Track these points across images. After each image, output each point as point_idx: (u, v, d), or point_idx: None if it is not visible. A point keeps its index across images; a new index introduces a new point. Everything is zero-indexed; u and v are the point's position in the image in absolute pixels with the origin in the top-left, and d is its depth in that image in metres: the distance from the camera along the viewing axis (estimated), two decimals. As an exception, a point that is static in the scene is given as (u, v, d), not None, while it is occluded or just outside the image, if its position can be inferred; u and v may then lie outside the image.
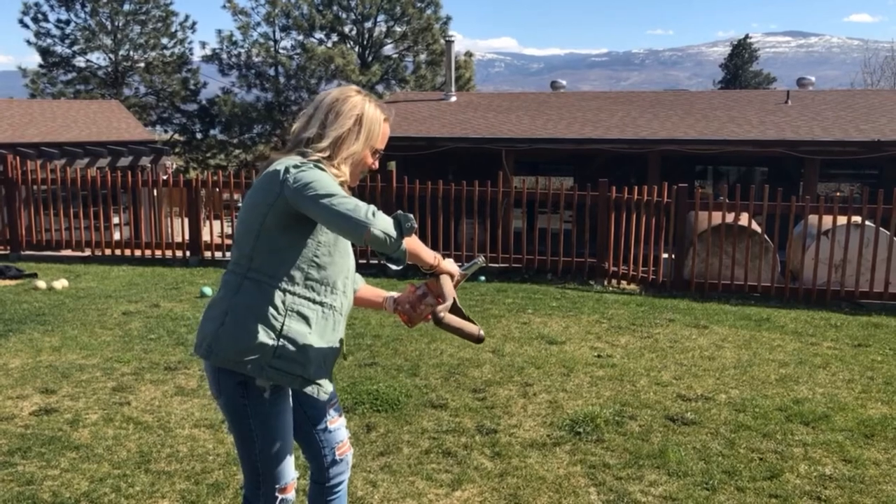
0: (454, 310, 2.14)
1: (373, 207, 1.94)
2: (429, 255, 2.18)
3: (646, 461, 3.72)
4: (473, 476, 3.54)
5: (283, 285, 2.07)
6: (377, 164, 2.26)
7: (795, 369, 5.41)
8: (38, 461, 3.61)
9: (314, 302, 2.11)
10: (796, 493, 3.41)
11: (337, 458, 2.35)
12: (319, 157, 2.09)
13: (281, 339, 2.06)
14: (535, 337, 6.20)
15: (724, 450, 3.88)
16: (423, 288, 2.30)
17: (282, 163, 2.05)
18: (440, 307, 2.10)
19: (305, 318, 2.10)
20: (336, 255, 2.14)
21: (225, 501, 3.24)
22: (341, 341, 2.24)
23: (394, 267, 2.05)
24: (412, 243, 2.07)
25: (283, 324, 2.06)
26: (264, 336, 2.05)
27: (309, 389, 2.17)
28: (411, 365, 5.25)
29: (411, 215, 1.99)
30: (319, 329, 2.13)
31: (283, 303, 2.07)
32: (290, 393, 2.20)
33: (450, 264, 2.24)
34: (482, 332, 2.14)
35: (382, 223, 1.92)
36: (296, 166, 2.01)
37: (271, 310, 2.06)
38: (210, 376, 2.15)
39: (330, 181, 2.00)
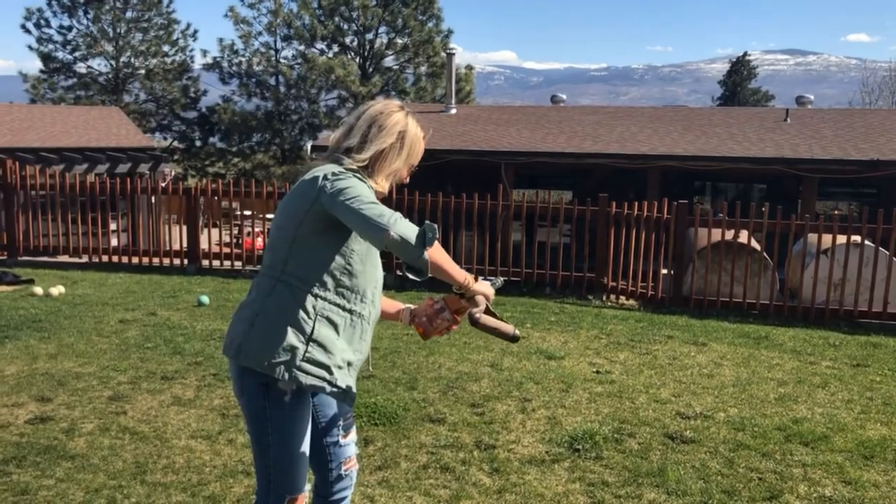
0: (488, 312, 2.21)
1: (398, 214, 1.97)
2: (459, 274, 2.12)
3: (645, 479, 3.70)
4: (472, 492, 3.51)
5: (315, 290, 2.09)
6: (408, 178, 2.30)
7: (794, 388, 5.40)
8: (33, 470, 3.57)
9: (343, 309, 2.14)
10: (796, 514, 3.39)
11: (343, 473, 2.36)
12: (357, 167, 2.12)
13: (310, 343, 2.08)
14: (534, 352, 6.18)
15: (724, 469, 3.86)
16: (441, 303, 2.30)
17: (321, 169, 2.09)
18: (475, 309, 2.17)
19: (334, 325, 2.12)
20: (367, 264, 2.17)
21: (221, 514, 3.21)
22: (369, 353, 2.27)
23: (413, 277, 2.04)
24: (440, 259, 2.03)
25: (312, 328, 2.09)
26: (294, 339, 2.07)
27: (334, 394, 2.17)
28: (409, 378, 5.23)
29: (436, 226, 1.99)
30: (347, 336, 2.16)
31: (314, 307, 2.09)
32: (310, 403, 2.21)
33: (482, 286, 2.21)
34: (517, 332, 2.22)
35: (403, 229, 1.95)
36: (334, 174, 2.06)
37: (302, 313, 2.08)
38: (234, 376, 2.17)
39: (365, 189, 2.04)
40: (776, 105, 41.31)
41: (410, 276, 2.04)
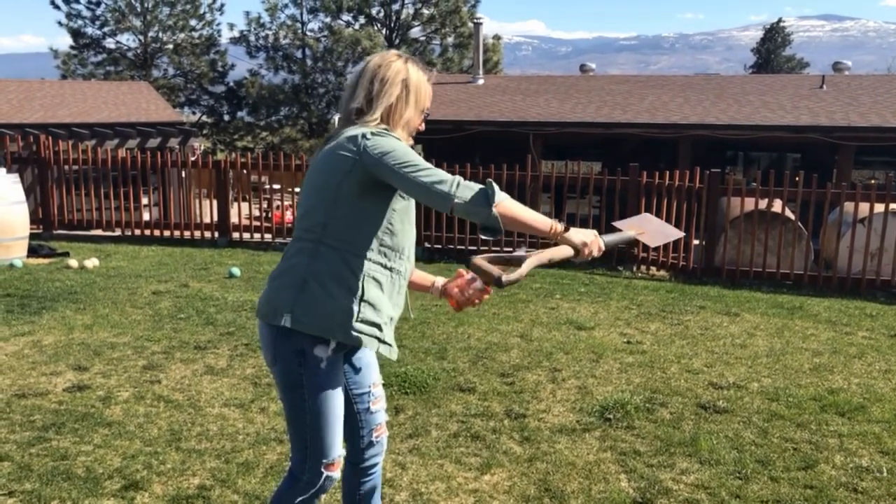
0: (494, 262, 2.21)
1: (458, 178, 1.95)
2: (542, 224, 2.06)
3: (677, 449, 3.68)
4: (502, 460, 3.52)
5: (360, 251, 2.10)
6: (423, 125, 2.26)
7: (830, 359, 5.32)
8: (71, 437, 3.65)
9: (385, 267, 2.15)
10: (832, 484, 3.35)
11: (374, 439, 2.36)
12: (378, 127, 2.10)
13: (362, 304, 2.10)
14: (564, 322, 6.15)
15: (758, 439, 3.82)
16: (472, 273, 2.31)
17: (355, 129, 2.07)
18: (506, 276, 2.15)
19: (379, 283, 2.14)
20: (406, 222, 2.18)
21: (255, 480, 3.25)
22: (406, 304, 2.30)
23: (484, 237, 2.04)
24: (513, 211, 1.98)
25: (363, 288, 2.10)
26: (347, 300, 2.08)
27: (384, 350, 2.19)
28: (439, 348, 5.24)
29: (496, 185, 1.97)
30: (388, 293, 2.18)
31: (361, 268, 2.10)
32: (343, 369, 2.22)
33: (575, 234, 2.16)
34: (504, 276, 2.14)
35: (466, 193, 1.93)
36: (373, 133, 2.03)
37: (351, 275, 2.09)
38: (267, 344, 2.15)
39: (407, 149, 2.02)
40: (811, 73, 40.33)
41: (484, 237, 2.02)
